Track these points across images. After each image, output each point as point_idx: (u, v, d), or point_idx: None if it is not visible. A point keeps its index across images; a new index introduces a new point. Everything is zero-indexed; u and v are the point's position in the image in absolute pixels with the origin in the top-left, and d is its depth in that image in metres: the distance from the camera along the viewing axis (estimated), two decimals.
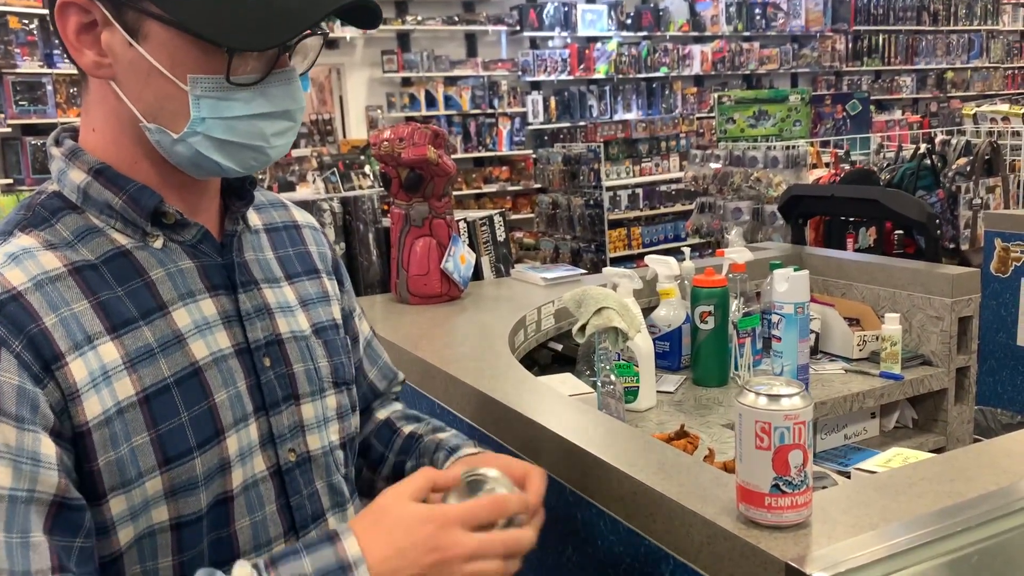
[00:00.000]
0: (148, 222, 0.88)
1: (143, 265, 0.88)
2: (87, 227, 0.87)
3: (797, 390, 0.88)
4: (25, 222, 0.86)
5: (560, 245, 7.31)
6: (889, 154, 4.28)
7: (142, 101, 0.85)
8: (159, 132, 0.85)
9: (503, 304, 2.16)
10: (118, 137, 0.88)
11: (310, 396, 0.97)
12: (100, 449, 0.80)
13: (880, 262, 2.36)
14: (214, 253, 0.93)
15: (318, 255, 1.08)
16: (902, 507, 0.92)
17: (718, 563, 0.93)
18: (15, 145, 6.36)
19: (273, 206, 1.08)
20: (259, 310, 0.94)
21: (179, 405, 0.85)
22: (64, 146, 0.90)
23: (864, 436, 2.13)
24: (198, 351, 0.88)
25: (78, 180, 0.88)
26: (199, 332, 0.88)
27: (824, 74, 10.53)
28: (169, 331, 0.86)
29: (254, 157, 0.88)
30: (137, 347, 0.84)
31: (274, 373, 0.93)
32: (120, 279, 0.86)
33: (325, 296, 1.05)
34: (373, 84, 8.23)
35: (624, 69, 9.11)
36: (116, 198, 0.87)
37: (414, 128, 2.14)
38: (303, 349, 0.97)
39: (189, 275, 0.90)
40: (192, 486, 0.85)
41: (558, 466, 1.23)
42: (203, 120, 0.84)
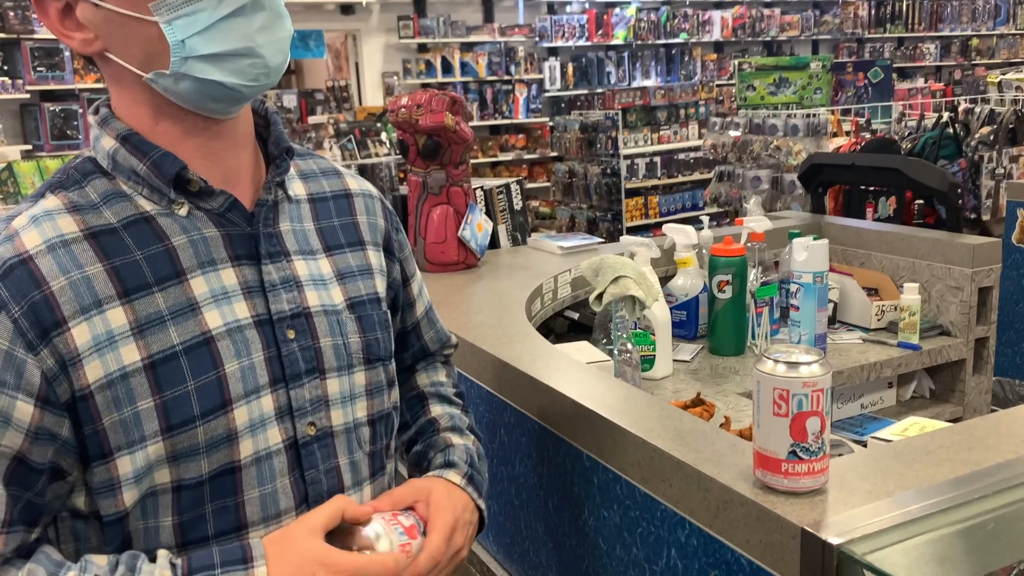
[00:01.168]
0: (171, 188, 0.89)
1: (165, 231, 0.88)
2: (115, 191, 0.89)
3: (816, 358, 0.88)
4: (58, 184, 0.89)
5: (576, 214, 7.28)
6: (911, 123, 4.22)
7: (133, 56, 0.86)
8: (159, 76, 0.86)
9: (520, 272, 2.16)
10: (133, 106, 0.90)
11: (336, 371, 0.96)
12: (104, 410, 0.82)
13: (900, 232, 2.34)
14: (243, 222, 0.93)
15: (367, 225, 1.06)
16: (919, 475, 0.93)
17: (733, 528, 0.93)
18: (34, 111, 6.39)
19: (325, 174, 1.06)
20: (286, 282, 0.94)
21: (186, 373, 0.85)
22: (99, 114, 0.92)
23: (881, 406, 2.13)
24: (212, 320, 0.88)
25: (108, 147, 0.90)
26: (215, 301, 0.89)
27: (846, 41, 10.37)
28: (184, 299, 0.87)
29: (251, 64, 0.86)
30: (147, 313, 0.85)
31: (298, 345, 0.93)
32: (139, 244, 0.87)
33: (367, 269, 1.04)
34: (389, 50, 8.18)
35: (643, 35, 9.00)
36: (140, 164, 0.88)
37: (432, 95, 2.13)
38: (333, 323, 0.97)
39: (212, 243, 0.90)
40: (193, 452, 0.86)
41: (575, 432, 1.25)
42: (182, 43, 0.84)
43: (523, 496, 1.44)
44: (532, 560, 1.45)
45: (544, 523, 1.39)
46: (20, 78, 6.27)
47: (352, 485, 0.99)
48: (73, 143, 6.29)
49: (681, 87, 8.37)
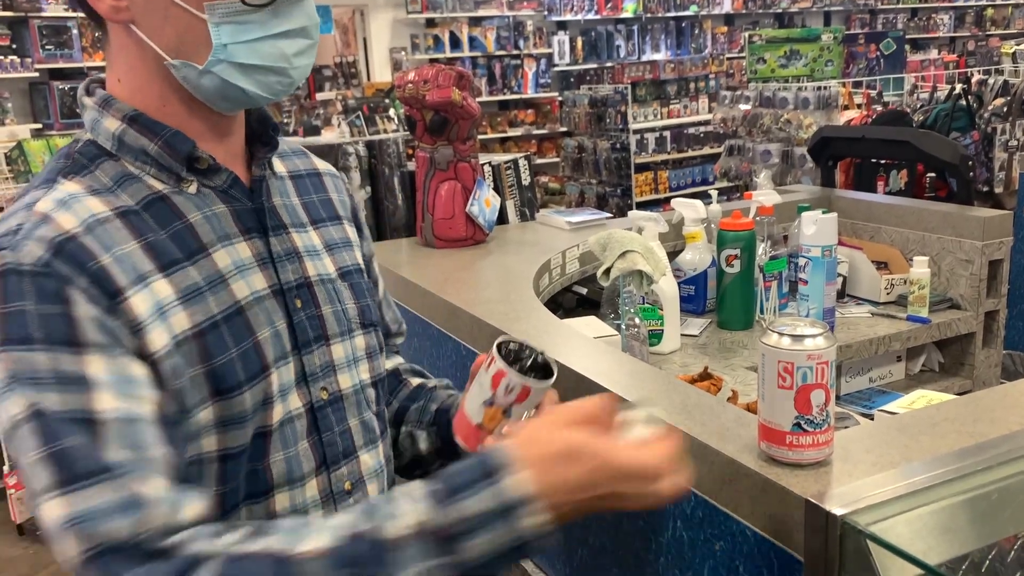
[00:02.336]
0: (183, 167, 0.90)
1: (181, 209, 0.90)
2: (124, 173, 0.89)
3: (820, 330, 0.88)
4: (66, 169, 0.88)
5: (585, 189, 7.26)
6: (923, 95, 4.18)
7: (164, 38, 0.86)
8: (184, 67, 0.87)
9: (528, 248, 2.16)
10: (144, 83, 0.90)
11: (339, 336, 0.99)
12: (166, 380, 0.83)
13: (910, 204, 2.33)
14: (244, 198, 0.95)
15: (339, 202, 1.10)
16: (924, 446, 0.93)
17: (739, 499, 0.94)
18: (43, 89, 6.39)
19: (295, 154, 1.10)
20: (289, 253, 0.97)
21: (228, 341, 0.88)
22: (96, 96, 0.92)
23: (890, 379, 2.13)
24: (239, 291, 0.90)
25: (112, 128, 0.90)
26: (239, 273, 0.91)
27: (858, 12, 10.25)
28: (213, 271, 0.89)
29: (278, 80, 0.90)
30: (186, 285, 0.86)
31: (305, 314, 0.96)
32: (161, 223, 0.88)
33: (348, 241, 1.08)
34: (397, 26, 8.14)
35: (653, 8, 8.92)
36: (152, 144, 0.89)
37: (439, 70, 2.12)
38: (330, 291, 1.00)
39: (224, 219, 0.92)
40: (241, 419, 0.88)
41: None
42: (225, 47, 0.86)
43: None
44: None
45: None
46: (29, 56, 6.28)
47: (364, 444, 1.02)
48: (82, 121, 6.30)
49: (691, 60, 8.31)
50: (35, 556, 3.41)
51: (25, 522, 3.52)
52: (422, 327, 1.83)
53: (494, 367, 0.95)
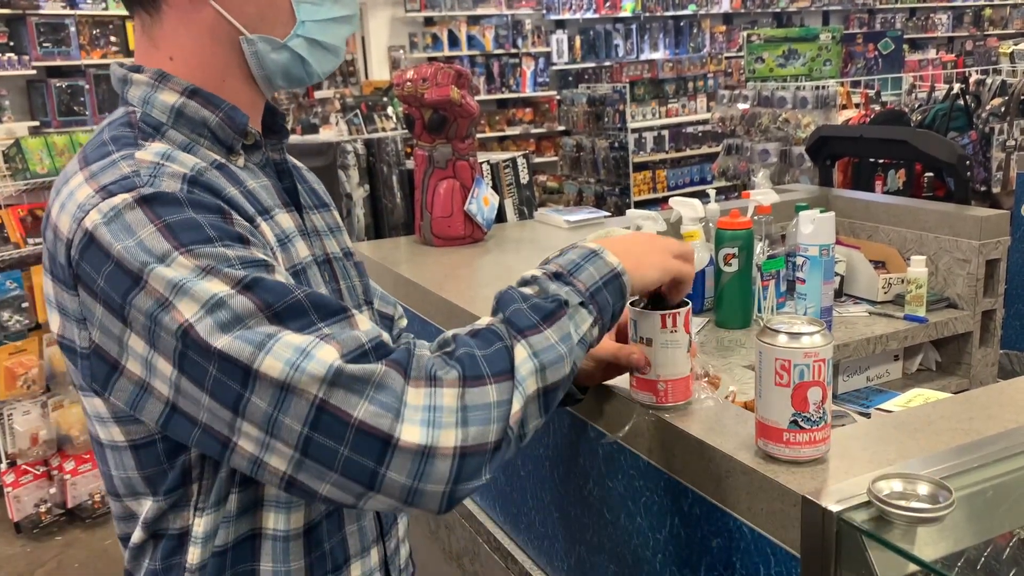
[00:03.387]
0: (240, 140, 0.94)
1: (240, 176, 0.93)
2: (186, 142, 0.90)
3: (817, 328, 0.89)
4: (139, 135, 0.89)
5: (584, 188, 7.26)
6: (921, 94, 4.19)
7: (244, 15, 0.91)
8: (263, 41, 0.93)
9: (526, 246, 2.17)
10: (207, 59, 0.92)
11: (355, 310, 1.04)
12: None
13: (907, 204, 2.33)
14: (275, 176, 1.00)
15: (322, 192, 1.15)
16: (920, 444, 0.94)
17: (736, 496, 0.95)
18: (40, 87, 6.38)
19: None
20: (313, 231, 1.03)
21: (320, 281, 0.98)
22: (146, 72, 0.92)
23: (887, 378, 2.13)
24: (300, 252, 0.96)
25: (171, 100, 0.90)
26: (290, 239, 0.96)
27: (856, 12, 10.26)
28: (280, 230, 0.94)
29: (331, 61, 0.98)
30: (277, 232, 0.93)
31: (329, 289, 1.01)
32: (233, 183, 0.91)
33: (339, 227, 1.13)
34: (395, 24, 8.13)
35: (651, 7, 8.92)
36: (213, 116, 0.91)
37: (437, 68, 2.12)
38: (343, 268, 1.06)
39: (268, 191, 0.96)
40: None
41: (581, 404, 1.25)
42: (303, 23, 0.94)
43: (529, 467, 1.46)
44: (538, 530, 1.46)
45: (550, 493, 1.40)
46: (26, 54, 6.27)
47: None
48: (80, 119, 6.29)
49: (689, 59, 8.31)
50: (32, 554, 3.41)
51: (22, 520, 3.52)
52: (420, 325, 1.83)
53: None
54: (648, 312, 1.03)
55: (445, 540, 1.84)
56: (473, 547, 1.67)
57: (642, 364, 1.04)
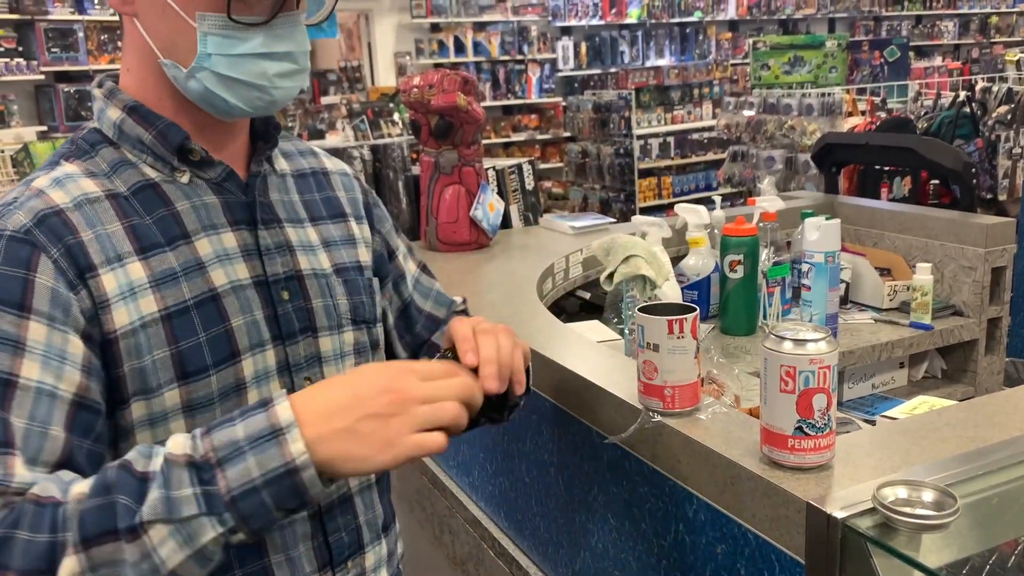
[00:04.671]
0: (175, 157, 0.94)
1: (170, 197, 0.93)
2: (121, 160, 0.93)
3: (822, 335, 0.89)
4: (69, 153, 0.94)
5: (589, 194, 7.27)
6: (927, 102, 4.19)
7: (159, 37, 0.90)
8: (173, 67, 0.91)
9: (531, 252, 2.17)
10: (146, 75, 0.94)
11: (328, 330, 1.01)
12: (126, 357, 0.86)
13: (913, 211, 2.33)
14: (238, 191, 0.98)
15: (348, 200, 1.11)
16: (925, 451, 0.94)
17: (741, 503, 0.95)
18: (49, 92, 6.42)
19: (303, 154, 1.12)
20: (280, 246, 0.99)
21: (197, 326, 0.90)
22: (104, 87, 0.96)
23: (892, 386, 2.13)
24: (217, 279, 0.92)
25: (114, 117, 0.94)
26: (219, 261, 0.93)
27: (863, 19, 10.26)
28: (192, 258, 0.92)
29: (259, 97, 0.92)
30: (162, 269, 0.89)
31: (292, 306, 0.98)
32: (148, 208, 0.92)
33: (350, 239, 1.09)
34: (402, 30, 8.16)
35: (657, 14, 8.94)
36: (147, 133, 0.93)
37: (444, 75, 2.13)
38: (323, 286, 1.02)
39: (213, 209, 0.95)
40: (208, 402, 0.90)
41: (585, 409, 1.26)
42: (209, 56, 0.89)
43: (534, 473, 1.46)
44: (543, 536, 1.46)
45: (555, 499, 1.41)
46: (35, 59, 6.30)
47: None
48: (84, 123, 6.32)
49: (695, 66, 8.33)
50: None
51: None
52: None
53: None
54: (655, 318, 1.03)
55: (449, 546, 1.84)
56: (477, 553, 1.67)
57: (493, 388, 0.88)
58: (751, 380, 1.76)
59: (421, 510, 1.98)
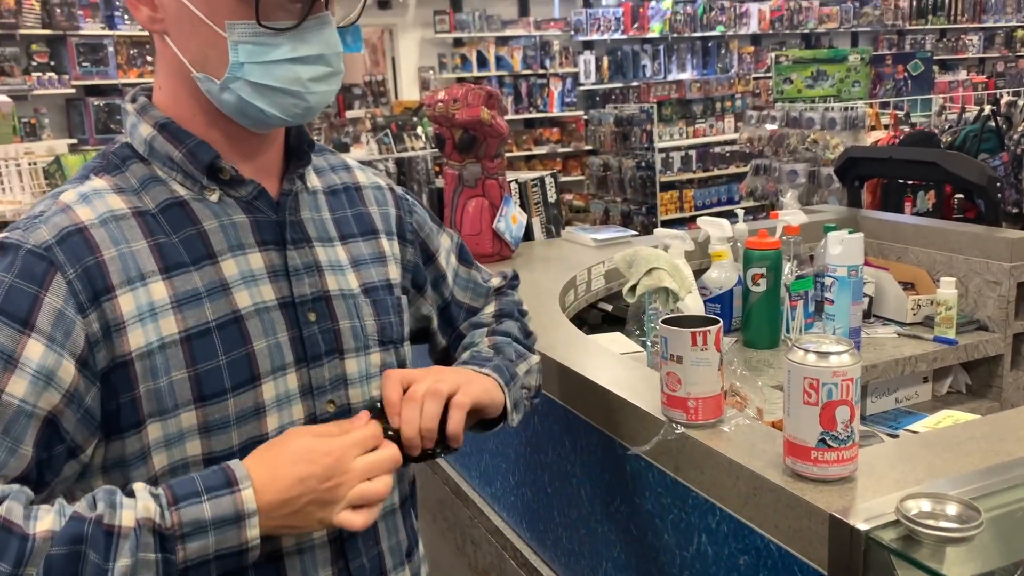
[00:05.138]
0: (204, 175, 0.93)
1: (198, 215, 0.93)
2: (151, 176, 0.93)
3: (846, 348, 0.89)
4: (99, 167, 0.94)
5: (610, 207, 7.28)
6: (952, 116, 4.17)
7: (190, 51, 0.90)
8: (206, 80, 0.90)
9: (553, 264, 2.18)
10: (178, 91, 0.94)
11: (355, 351, 1.00)
12: (141, 378, 0.86)
13: (937, 225, 2.33)
14: (269, 210, 0.97)
15: (379, 215, 1.10)
16: (948, 464, 0.94)
17: (763, 514, 0.95)
18: (79, 105, 6.53)
19: (335, 169, 1.11)
20: (308, 267, 0.98)
21: (218, 348, 0.90)
22: (137, 102, 0.96)
23: (916, 400, 2.12)
24: (241, 300, 0.92)
25: (145, 134, 0.94)
26: (244, 283, 0.93)
27: (886, 33, 10.22)
28: (216, 279, 0.91)
29: (294, 103, 0.92)
30: (185, 290, 0.89)
31: (318, 328, 0.97)
32: (175, 227, 0.91)
33: (380, 256, 1.08)
34: (425, 45, 8.23)
35: (679, 28, 8.95)
36: (176, 151, 0.93)
37: (468, 89, 2.15)
38: (350, 306, 1.00)
39: (241, 229, 0.95)
40: (224, 425, 0.90)
41: (608, 420, 1.27)
42: (241, 65, 0.89)
43: (556, 484, 1.47)
44: (565, 547, 1.47)
45: (577, 510, 1.41)
46: (66, 73, 6.42)
47: None
48: (116, 136, 6.42)
49: (717, 80, 8.32)
50: None
51: None
52: None
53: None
54: (678, 330, 1.04)
55: (471, 556, 1.85)
56: (500, 563, 1.68)
57: (413, 454, 0.94)
58: (774, 393, 1.76)
59: (443, 520, 1.99)
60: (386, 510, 1.03)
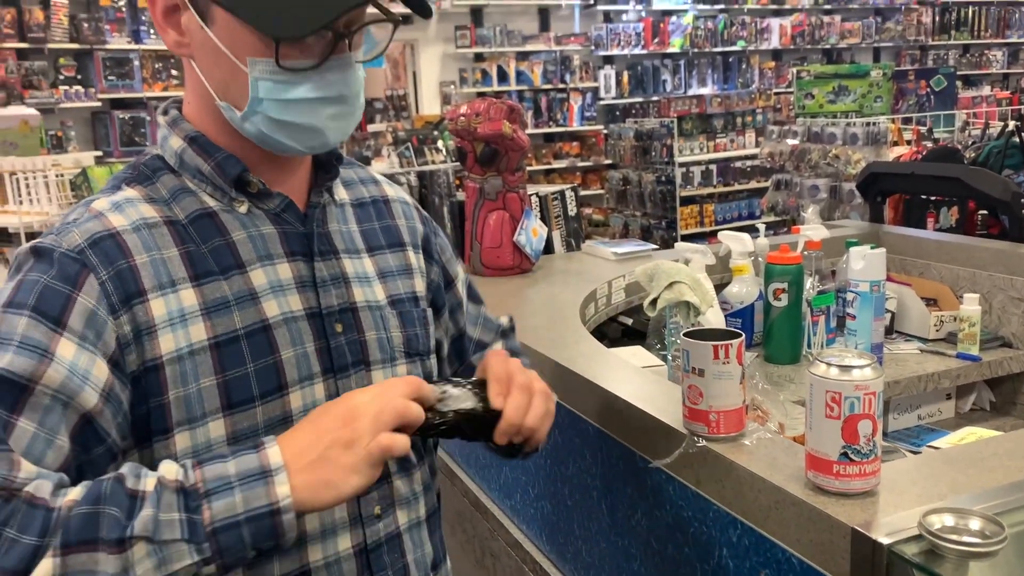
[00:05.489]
0: (232, 188, 0.95)
1: (227, 226, 0.95)
2: (181, 187, 0.95)
3: (868, 362, 0.89)
4: (131, 178, 0.96)
5: (630, 221, 7.28)
6: (975, 131, 4.15)
7: (214, 79, 0.92)
8: (228, 109, 0.92)
9: (574, 277, 2.19)
10: (204, 111, 0.96)
11: (381, 363, 1.01)
12: (171, 384, 0.87)
13: (960, 241, 2.31)
14: (296, 222, 0.98)
15: (406, 229, 1.12)
16: (972, 480, 0.93)
17: (785, 528, 0.95)
18: (104, 118, 6.63)
19: (364, 183, 1.12)
20: (335, 278, 0.99)
21: (246, 356, 0.91)
22: (169, 115, 0.99)
23: (939, 417, 2.10)
24: (270, 309, 0.93)
25: (176, 146, 0.96)
26: (273, 292, 0.94)
27: (908, 48, 10.18)
28: (245, 288, 0.93)
29: (312, 138, 0.93)
30: (214, 297, 0.91)
31: (345, 339, 0.98)
32: (204, 237, 0.93)
33: (407, 269, 1.09)
34: (446, 59, 8.29)
35: (700, 43, 8.96)
36: (206, 164, 0.95)
37: (490, 103, 2.17)
38: (377, 318, 1.01)
39: (270, 240, 0.96)
40: (253, 434, 0.90)
41: (628, 433, 1.27)
42: (261, 101, 0.90)
43: (576, 496, 1.47)
44: (585, 560, 1.47)
45: (597, 523, 1.41)
46: (92, 86, 6.52)
47: (397, 470, 1.02)
48: (140, 149, 6.50)
49: (738, 95, 8.32)
50: None
51: None
52: None
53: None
54: (700, 343, 1.04)
55: (491, 569, 1.85)
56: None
57: (501, 442, 0.94)
58: (795, 408, 1.75)
59: (463, 532, 2.00)
60: (411, 523, 1.04)
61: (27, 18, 6.22)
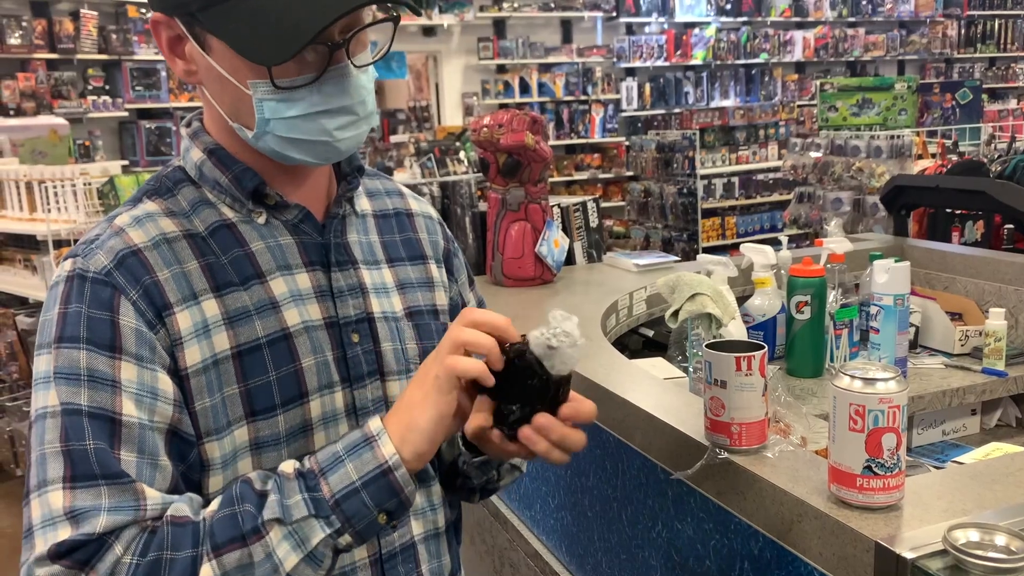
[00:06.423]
0: (249, 200, 0.97)
1: (246, 237, 0.96)
2: (201, 199, 0.97)
3: (892, 375, 0.89)
4: (152, 191, 0.98)
5: (651, 233, 7.26)
6: (1001, 145, 4.11)
7: (224, 103, 0.94)
8: (241, 130, 0.94)
9: (595, 288, 2.19)
10: (221, 127, 0.97)
11: (396, 374, 1.01)
12: (197, 394, 0.89)
13: (985, 255, 2.29)
14: (314, 232, 0.99)
15: (429, 243, 1.12)
16: (997, 495, 0.93)
17: (807, 541, 0.95)
18: (131, 128, 6.71)
19: (389, 194, 1.13)
20: (353, 288, 1.00)
21: (268, 364, 0.92)
22: (191, 127, 1.01)
23: (963, 433, 2.08)
24: (290, 318, 0.94)
25: (196, 158, 0.98)
26: (293, 301, 0.95)
27: (933, 61, 10.11)
28: (265, 297, 0.94)
29: (324, 150, 0.94)
30: (236, 307, 0.92)
31: (361, 349, 0.99)
32: (224, 248, 0.94)
33: (427, 282, 1.09)
34: (469, 71, 8.33)
35: (722, 55, 8.95)
36: (224, 177, 0.96)
37: (513, 114, 2.18)
38: (393, 329, 1.02)
39: (288, 250, 0.97)
40: (275, 442, 0.92)
41: (650, 444, 1.27)
42: (267, 120, 0.91)
43: (596, 508, 1.47)
44: (605, 571, 1.47)
45: (617, 535, 1.41)
46: (120, 97, 6.61)
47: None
48: (166, 159, 6.58)
49: (761, 107, 8.30)
50: None
51: None
52: None
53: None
54: (723, 354, 1.04)
55: None
56: None
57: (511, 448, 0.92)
58: (818, 422, 1.74)
59: (482, 543, 2.00)
60: (427, 534, 1.04)
61: (57, 29, 6.32)
